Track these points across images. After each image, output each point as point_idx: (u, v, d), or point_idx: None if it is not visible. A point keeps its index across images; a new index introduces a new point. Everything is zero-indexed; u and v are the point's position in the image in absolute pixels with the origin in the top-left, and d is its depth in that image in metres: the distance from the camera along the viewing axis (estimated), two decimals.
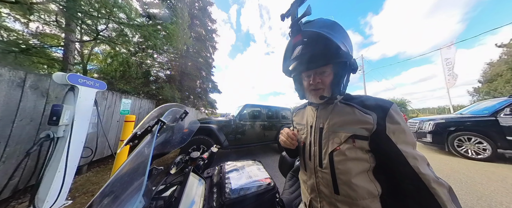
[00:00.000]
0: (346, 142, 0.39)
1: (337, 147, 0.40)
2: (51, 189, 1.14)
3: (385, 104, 0.39)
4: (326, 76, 0.42)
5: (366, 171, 0.38)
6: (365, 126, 0.38)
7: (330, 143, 0.41)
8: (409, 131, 0.37)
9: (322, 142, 0.43)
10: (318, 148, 0.44)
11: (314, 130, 0.46)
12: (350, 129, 0.39)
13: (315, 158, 0.44)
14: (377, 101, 0.41)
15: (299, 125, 0.55)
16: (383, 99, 0.41)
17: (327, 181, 0.41)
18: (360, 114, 0.40)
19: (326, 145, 0.42)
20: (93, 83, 1.43)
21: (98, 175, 2.05)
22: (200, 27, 8.17)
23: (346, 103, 0.44)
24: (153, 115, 0.55)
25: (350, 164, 0.38)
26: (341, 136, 0.40)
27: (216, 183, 0.59)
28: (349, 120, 0.40)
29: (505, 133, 2.53)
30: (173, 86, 5.96)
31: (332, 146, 0.40)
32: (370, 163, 0.38)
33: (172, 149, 0.68)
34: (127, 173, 0.37)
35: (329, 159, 0.40)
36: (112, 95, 2.55)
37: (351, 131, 0.39)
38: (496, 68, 10.90)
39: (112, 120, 2.56)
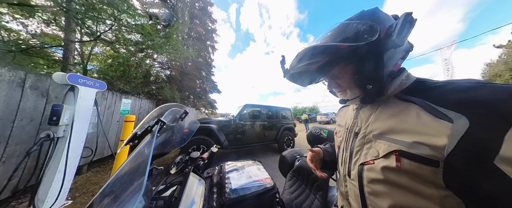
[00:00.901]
0: (385, 157, 0.26)
1: (371, 161, 0.29)
2: (51, 189, 1.14)
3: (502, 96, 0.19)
4: (340, 78, 0.34)
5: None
6: (427, 138, 0.22)
7: (363, 153, 0.31)
8: None
9: (354, 149, 0.34)
10: (348, 155, 0.36)
11: (348, 134, 0.38)
12: (398, 140, 0.25)
13: (344, 165, 0.37)
14: (483, 90, 0.21)
15: (339, 126, 0.47)
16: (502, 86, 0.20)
17: (355, 194, 0.32)
18: (427, 117, 0.23)
19: (357, 154, 0.32)
20: (93, 83, 1.43)
21: (98, 175, 2.05)
22: (200, 27, 8.17)
23: (407, 99, 0.27)
24: (153, 115, 0.55)
25: (390, 190, 0.25)
26: (380, 148, 0.27)
27: (216, 183, 0.59)
28: (400, 125, 0.26)
29: None
30: (173, 86, 5.96)
31: (365, 157, 0.30)
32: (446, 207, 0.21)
33: (172, 149, 0.68)
34: (127, 173, 0.37)
35: (358, 171, 0.31)
36: (112, 95, 2.55)
37: (398, 144, 0.25)
38: (495, 69, 10.93)
39: (112, 120, 2.56)
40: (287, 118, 4.09)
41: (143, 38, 3.16)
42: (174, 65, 6.80)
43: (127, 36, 3.13)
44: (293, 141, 3.87)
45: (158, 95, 4.91)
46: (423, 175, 0.22)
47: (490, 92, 0.20)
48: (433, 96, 0.25)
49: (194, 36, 7.91)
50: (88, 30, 2.70)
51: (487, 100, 0.20)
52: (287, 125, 3.84)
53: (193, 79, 7.42)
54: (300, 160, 0.93)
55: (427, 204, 0.22)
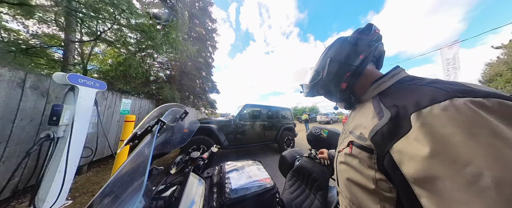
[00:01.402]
0: (347, 146, 0.34)
1: (341, 148, 0.37)
2: (51, 189, 1.14)
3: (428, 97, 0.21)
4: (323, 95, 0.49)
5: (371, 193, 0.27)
6: (365, 131, 0.28)
7: (342, 143, 0.40)
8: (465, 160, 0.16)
9: (340, 141, 0.44)
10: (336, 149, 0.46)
11: (342, 131, 0.47)
12: (354, 133, 0.33)
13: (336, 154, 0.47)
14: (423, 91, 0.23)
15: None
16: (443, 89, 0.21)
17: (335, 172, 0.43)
18: (371, 114, 0.29)
19: (340, 145, 0.42)
20: (93, 83, 1.43)
21: (98, 175, 2.06)
22: (200, 27, 8.17)
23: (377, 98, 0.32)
24: (153, 114, 0.55)
25: (346, 168, 0.33)
26: (346, 140, 0.36)
27: (216, 183, 0.59)
28: (359, 121, 0.33)
29: None
30: (173, 86, 5.96)
31: (341, 146, 0.40)
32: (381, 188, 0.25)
33: (172, 149, 0.68)
34: (127, 173, 0.37)
35: (336, 156, 0.41)
36: (112, 95, 2.55)
37: (353, 136, 0.33)
38: (495, 68, 10.97)
39: (112, 120, 2.56)
40: (287, 118, 4.09)
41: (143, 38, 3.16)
42: (174, 65, 6.80)
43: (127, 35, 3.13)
44: (293, 141, 3.87)
45: (158, 95, 4.91)
46: (364, 159, 0.28)
47: (420, 92, 0.23)
48: (390, 97, 0.29)
49: (194, 36, 7.91)
50: (88, 30, 2.70)
51: (406, 102, 0.23)
52: (287, 125, 3.83)
53: (193, 79, 7.42)
54: (300, 160, 0.93)
55: (367, 183, 0.27)
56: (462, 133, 0.16)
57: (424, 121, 0.19)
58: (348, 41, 0.40)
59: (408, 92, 0.26)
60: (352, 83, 0.39)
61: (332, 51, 0.43)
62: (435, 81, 0.24)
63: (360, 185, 0.29)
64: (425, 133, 0.18)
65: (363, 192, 0.29)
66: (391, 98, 0.28)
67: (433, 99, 0.19)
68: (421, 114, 0.19)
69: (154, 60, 6.00)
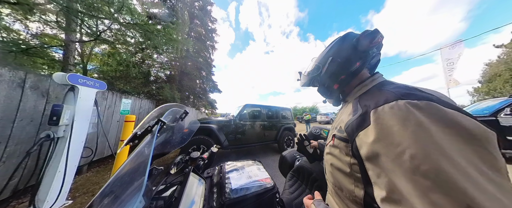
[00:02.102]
0: (331, 139, 0.39)
1: (328, 142, 0.43)
2: (51, 189, 1.14)
3: (387, 97, 0.26)
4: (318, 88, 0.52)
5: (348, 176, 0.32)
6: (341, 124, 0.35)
7: (329, 137, 0.46)
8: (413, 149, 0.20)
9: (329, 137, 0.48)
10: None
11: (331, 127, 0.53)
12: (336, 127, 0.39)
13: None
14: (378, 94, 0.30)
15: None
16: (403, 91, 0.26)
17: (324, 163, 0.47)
18: (349, 111, 0.36)
19: (328, 139, 0.46)
20: (93, 83, 1.43)
21: (98, 175, 2.06)
22: (200, 27, 8.17)
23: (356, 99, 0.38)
24: (153, 115, 0.55)
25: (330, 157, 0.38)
26: (332, 133, 0.41)
27: (216, 183, 0.59)
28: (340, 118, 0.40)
29: (505, 132, 2.50)
30: (173, 86, 5.96)
31: (328, 140, 0.45)
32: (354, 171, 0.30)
33: (172, 149, 0.68)
34: (127, 173, 0.37)
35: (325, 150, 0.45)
36: (112, 95, 2.55)
37: (334, 130, 0.38)
38: (495, 69, 10.93)
39: (112, 120, 2.56)
40: (287, 118, 4.09)
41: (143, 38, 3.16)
42: (174, 65, 6.81)
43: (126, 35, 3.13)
44: (293, 141, 3.86)
45: (158, 95, 4.91)
46: (342, 148, 0.33)
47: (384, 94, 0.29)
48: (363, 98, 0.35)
49: (194, 36, 7.91)
50: (89, 30, 2.70)
51: (371, 102, 0.29)
52: (287, 125, 3.83)
53: (193, 79, 7.42)
54: (300, 160, 0.93)
55: (345, 167, 0.33)
56: (398, 124, 0.22)
57: (378, 116, 0.25)
58: (353, 44, 0.40)
59: (376, 94, 0.31)
60: (344, 85, 0.44)
61: (335, 49, 0.44)
62: (398, 86, 0.30)
63: (340, 170, 0.34)
64: (376, 124, 0.25)
65: (342, 175, 0.34)
66: (365, 99, 0.34)
67: (386, 100, 0.26)
68: (377, 111, 0.26)
69: (154, 60, 6.00)
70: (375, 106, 0.27)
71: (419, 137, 0.20)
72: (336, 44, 0.45)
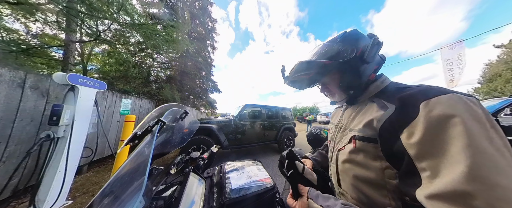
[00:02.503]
0: (349, 142, 0.35)
1: (342, 147, 0.38)
2: (51, 189, 1.14)
3: (427, 93, 0.26)
4: (329, 85, 0.43)
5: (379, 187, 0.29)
6: (369, 122, 0.31)
7: (340, 142, 0.41)
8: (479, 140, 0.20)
9: (336, 140, 0.43)
10: (333, 146, 0.45)
11: (336, 129, 0.46)
12: (356, 128, 0.35)
13: (331, 153, 0.47)
14: (420, 89, 0.28)
15: (331, 124, 0.56)
16: (438, 89, 0.26)
17: (334, 174, 0.42)
18: (377, 109, 0.32)
19: (338, 144, 0.42)
20: (93, 83, 1.43)
21: (98, 175, 2.06)
22: (200, 26, 8.17)
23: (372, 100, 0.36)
24: (153, 115, 0.55)
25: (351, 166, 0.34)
26: (348, 137, 0.37)
27: (216, 183, 0.59)
28: (362, 118, 0.35)
29: (506, 132, 2.50)
30: (173, 86, 5.96)
31: (340, 145, 0.40)
32: (386, 176, 0.28)
33: (172, 149, 0.68)
34: (127, 173, 0.37)
35: (336, 156, 0.40)
36: (112, 95, 2.55)
37: (355, 131, 0.34)
38: (495, 68, 10.97)
39: (112, 120, 2.56)
40: (287, 118, 4.09)
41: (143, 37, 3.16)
42: (174, 65, 6.81)
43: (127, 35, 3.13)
44: (293, 141, 3.86)
45: (158, 95, 4.91)
46: (369, 151, 0.30)
47: (417, 90, 0.28)
48: (387, 95, 0.33)
49: (194, 36, 7.91)
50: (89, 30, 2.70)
51: (413, 94, 0.28)
52: (287, 125, 3.83)
53: (193, 79, 7.42)
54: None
55: (374, 175, 0.29)
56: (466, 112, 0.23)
57: (432, 106, 0.24)
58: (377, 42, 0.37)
59: (406, 90, 0.30)
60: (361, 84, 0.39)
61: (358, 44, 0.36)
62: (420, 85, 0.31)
63: (368, 181, 0.30)
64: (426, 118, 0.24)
65: (371, 188, 0.30)
66: (390, 96, 0.32)
67: (439, 92, 0.25)
68: (430, 101, 0.25)
69: (154, 60, 6.00)
70: (425, 98, 0.25)
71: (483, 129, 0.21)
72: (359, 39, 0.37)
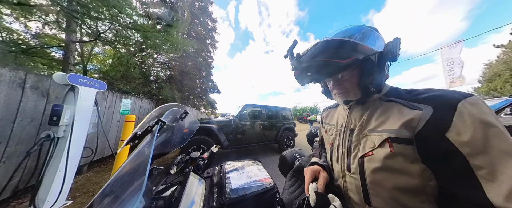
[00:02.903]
0: (381, 146, 0.30)
1: (369, 152, 0.32)
2: (51, 189, 1.15)
3: (454, 95, 0.27)
4: (345, 81, 0.37)
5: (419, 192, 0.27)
6: (407, 123, 0.28)
7: (360, 147, 0.35)
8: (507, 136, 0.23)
9: (352, 144, 0.37)
10: (346, 151, 0.39)
11: (344, 131, 0.41)
12: (388, 129, 0.30)
13: (342, 161, 0.39)
14: (442, 92, 0.29)
15: (328, 125, 0.52)
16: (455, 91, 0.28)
17: (356, 187, 0.34)
18: (406, 109, 0.30)
19: (356, 148, 0.36)
20: (93, 83, 1.43)
21: (99, 175, 2.06)
22: (200, 26, 8.17)
23: (390, 100, 0.34)
24: (153, 114, 0.55)
25: (388, 175, 0.29)
26: (375, 139, 0.32)
27: (216, 183, 0.59)
28: (388, 118, 0.32)
29: None
30: (173, 86, 5.97)
31: (363, 150, 0.34)
32: (425, 179, 0.26)
33: (172, 149, 0.68)
34: (127, 173, 0.37)
35: (359, 164, 0.34)
36: (112, 95, 2.55)
37: (388, 132, 0.30)
38: (494, 68, 11.02)
39: (112, 120, 2.57)
40: (287, 118, 4.09)
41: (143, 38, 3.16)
42: (174, 65, 6.81)
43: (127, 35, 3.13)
44: (293, 140, 3.87)
45: (158, 95, 4.91)
46: (409, 155, 0.28)
47: (444, 92, 0.29)
48: (407, 96, 0.33)
49: (194, 35, 7.91)
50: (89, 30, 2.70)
51: (440, 95, 0.28)
52: (287, 125, 3.83)
53: (193, 79, 7.43)
54: (300, 160, 0.93)
55: (415, 181, 0.27)
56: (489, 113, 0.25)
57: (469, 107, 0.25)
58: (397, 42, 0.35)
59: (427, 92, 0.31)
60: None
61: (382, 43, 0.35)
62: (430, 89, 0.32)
63: (410, 189, 0.27)
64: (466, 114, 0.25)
65: (411, 196, 0.27)
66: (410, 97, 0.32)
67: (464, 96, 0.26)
68: (465, 102, 0.25)
69: (154, 60, 6.00)
70: (460, 98, 0.26)
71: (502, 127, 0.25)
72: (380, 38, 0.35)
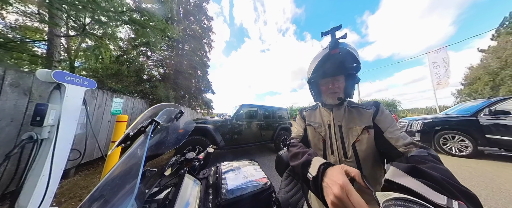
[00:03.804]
0: (362, 133, 0.48)
1: (357, 139, 0.49)
2: (34, 194, 1.07)
3: (378, 102, 0.55)
4: (341, 83, 0.55)
5: (377, 153, 0.48)
6: (369, 117, 0.50)
7: (350, 136, 0.51)
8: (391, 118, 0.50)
9: (344, 136, 0.52)
10: (340, 142, 0.52)
11: (334, 128, 0.55)
12: (363, 122, 0.50)
13: (338, 151, 0.52)
14: (371, 102, 0.56)
15: (314, 123, 0.62)
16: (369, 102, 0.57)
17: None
18: (365, 111, 0.52)
19: (347, 139, 0.51)
20: (81, 81, 1.36)
21: (87, 178, 1.96)
22: (196, 24, 8.01)
23: (353, 106, 0.56)
24: (147, 114, 0.53)
25: (369, 151, 0.47)
26: (358, 130, 0.49)
27: (212, 183, 0.58)
28: (359, 116, 0.51)
29: (484, 131, 2.73)
30: (167, 85, 5.80)
31: (353, 138, 0.50)
32: (377, 145, 0.47)
33: (166, 150, 0.66)
34: (118, 176, 0.36)
35: (353, 149, 0.49)
36: (102, 94, 2.44)
37: (364, 124, 0.49)
38: (475, 72, 11.80)
39: (102, 121, 2.45)
40: (284, 118, 4.13)
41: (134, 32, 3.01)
42: (169, 64, 6.63)
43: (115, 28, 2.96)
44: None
45: (151, 94, 4.75)
46: (373, 134, 0.49)
47: (371, 102, 0.56)
48: (358, 105, 0.57)
49: (189, 34, 7.74)
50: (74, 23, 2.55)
51: (376, 102, 0.54)
52: (283, 125, 3.87)
53: (188, 78, 7.27)
54: None
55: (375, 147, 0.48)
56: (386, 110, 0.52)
57: (383, 107, 0.53)
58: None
59: (365, 103, 0.58)
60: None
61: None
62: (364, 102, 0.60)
63: (375, 153, 0.48)
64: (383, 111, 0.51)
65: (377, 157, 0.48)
66: (361, 105, 0.56)
67: (378, 102, 0.54)
68: (380, 104, 0.53)
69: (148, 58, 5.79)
70: (379, 103, 0.53)
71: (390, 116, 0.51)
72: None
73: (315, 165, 0.35)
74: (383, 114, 0.50)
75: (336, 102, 0.54)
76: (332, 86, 0.54)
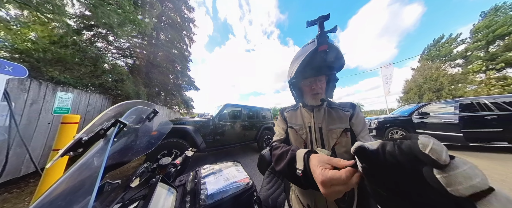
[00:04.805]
0: (341, 136, 0.48)
1: (336, 141, 0.49)
2: None
3: (355, 104, 0.57)
4: (323, 83, 0.54)
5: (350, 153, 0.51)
6: (346, 119, 0.51)
7: (330, 139, 0.50)
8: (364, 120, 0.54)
9: (324, 139, 0.51)
10: (321, 145, 0.51)
11: (314, 130, 0.53)
12: (342, 125, 0.50)
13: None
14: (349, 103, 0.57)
15: (295, 125, 0.61)
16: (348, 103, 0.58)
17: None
18: (343, 113, 0.52)
19: (327, 141, 0.50)
20: (1, 66, 1.00)
21: (7, 204, 1.44)
22: (174, 12, 7.20)
23: (331, 107, 0.56)
24: (109, 114, 0.44)
25: (349, 154, 0.46)
26: (337, 132, 0.49)
27: (189, 190, 0.54)
28: (338, 118, 0.52)
29: (415, 127, 3.76)
30: (137, 79, 5.00)
31: (332, 141, 0.49)
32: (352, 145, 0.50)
33: (134, 157, 0.57)
34: (63, 194, 0.28)
35: (333, 153, 0.48)
36: (39, 85, 1.87)
37: (342, 126, 0.49)
38: (409, 84, 16.13)
39: (38, 122, 1.88)
40: (267, 118, 4.29)
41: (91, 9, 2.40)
42: (139, 54, 5.72)
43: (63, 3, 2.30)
44: (272, 139, 4.08)
45: (115, 89, 3.97)
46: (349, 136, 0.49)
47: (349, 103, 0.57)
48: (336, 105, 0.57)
49: (166, 22, 6.89)
50: None
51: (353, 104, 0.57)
52: (266, 124, 4.00)
53: (164, 72, 6.46)
54: None
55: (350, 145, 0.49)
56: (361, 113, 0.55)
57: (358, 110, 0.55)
58: None
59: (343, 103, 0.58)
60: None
61: None
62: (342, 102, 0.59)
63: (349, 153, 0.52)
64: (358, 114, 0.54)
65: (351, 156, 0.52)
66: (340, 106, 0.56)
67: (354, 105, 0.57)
68: (356, 107, 0.55)
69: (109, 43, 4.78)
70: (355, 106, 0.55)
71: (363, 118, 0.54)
72: None
73: (300, 157, 0.36)
74: (358, 117, 0.50)
75: (318, 104, 0.53)
76: (315, 87, 0.52)
